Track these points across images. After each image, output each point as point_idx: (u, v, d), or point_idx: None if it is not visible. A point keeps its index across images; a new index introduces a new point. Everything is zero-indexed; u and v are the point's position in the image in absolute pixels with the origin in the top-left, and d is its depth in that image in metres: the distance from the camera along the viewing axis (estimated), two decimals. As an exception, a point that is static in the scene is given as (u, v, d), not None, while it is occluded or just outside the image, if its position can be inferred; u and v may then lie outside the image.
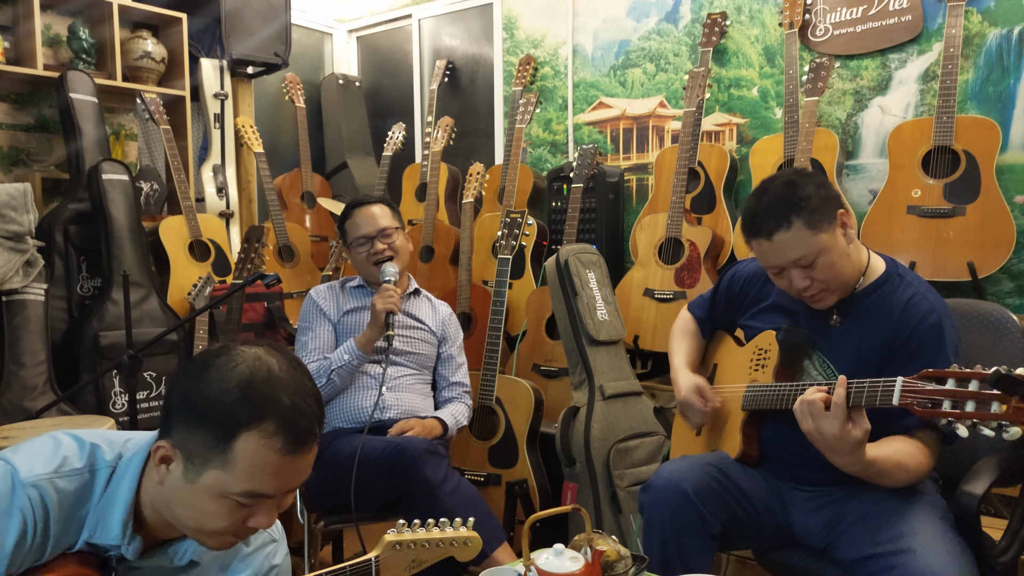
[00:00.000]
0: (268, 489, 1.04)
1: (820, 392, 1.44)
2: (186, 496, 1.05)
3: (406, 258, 2.42)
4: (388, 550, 1.27)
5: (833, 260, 1.55)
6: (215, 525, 1.05)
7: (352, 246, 2.39)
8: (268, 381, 1.03)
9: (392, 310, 2.18)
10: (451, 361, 2.48)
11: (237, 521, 1.06)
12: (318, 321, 2.36)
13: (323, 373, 2.24)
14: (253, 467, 1.02)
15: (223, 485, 1.02)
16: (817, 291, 1.59)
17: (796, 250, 1.54)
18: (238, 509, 1.05)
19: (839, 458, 1.44)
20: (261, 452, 1.01)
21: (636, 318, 2.98)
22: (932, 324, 1.55)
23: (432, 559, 1.32)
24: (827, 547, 1.60)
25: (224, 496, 1.03)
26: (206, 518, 1.05)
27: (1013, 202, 2.57)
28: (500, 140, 4.00)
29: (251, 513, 1.06)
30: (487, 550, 1.94)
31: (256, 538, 1.25)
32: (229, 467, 1.01)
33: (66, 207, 2.91)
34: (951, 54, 2.51)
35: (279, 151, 4.35)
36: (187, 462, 1.04)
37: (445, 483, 2.00)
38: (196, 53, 3.54)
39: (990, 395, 1.26)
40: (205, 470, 1.02)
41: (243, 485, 1.02)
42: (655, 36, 3.44)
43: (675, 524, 1.58)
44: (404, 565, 1.29)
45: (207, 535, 1.08)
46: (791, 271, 1.58)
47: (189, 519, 1.06)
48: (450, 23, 4.23)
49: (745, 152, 3.11)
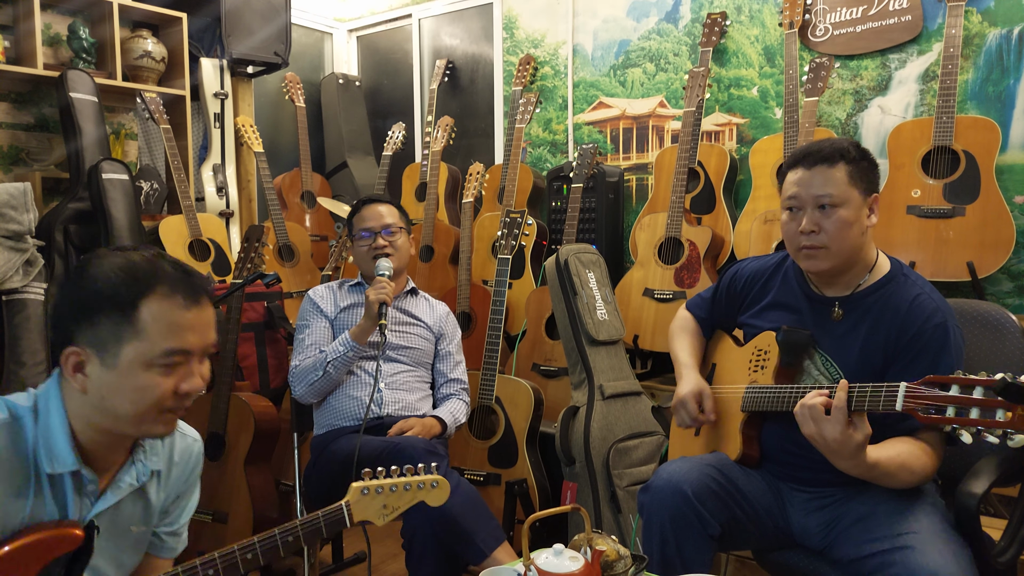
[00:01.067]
0: (186, 344, 1.12)
1: (821, 396, 1.44)
2: (115, 383, 1.10)
3: (405, 258, 2.44)
4: (356, 495, 1.32)
5: (849, 220, 1.57)
6: (152, 398, 1.11)
7: (355, 238, 2.42)
8: (145, 259, 1.13)
9: (385, 300, 2.20)
10: (449, 358, 2.49)
11: (169, 389, 1.12)
12: (315, 318, 2.39)
13: (319, 366, 2.26)
14: (164, 326, 1.10)
15: (144, 353, 1.10)
16: (818, 243, 1.59)
17: (827, 187, 1.57)
18: (167, 375, 1.12)
19: (842, 461, 1.44)
20: (166, 311, 1.11)
21: (636, 318, 2.98)
22: (937, 324, 1.55)
23: (404, 504, 1.37)
24: (826, 548, 1.60)
25: (149, 365, 1.10)
26: (142, 395, 1.11)
27: (1013, 202, 2.57)
28: (500, 140, 4.00)
29: (180, 377, 1.13)
30: (487, 550, 1.94)
31: (183, 453, 1.32)
32: (143, 335, 1.09)
33: (66, 206, 2.90)
34: (951, 54, 2.51)
35: (279, 151, 4.35)
36: (101, 353, 1.10)
37: None
38: (196, 52, 3.54)
39: (995, 402, 1.25)
40: (121, 349, 1.09)
41: (162, 345, 1.10)
42: (655, 36, 3.44)
43: (674, 525, 1.58)
44: (375, 510, 1.34)
45: (150, 418, 1.13)
46: (808, 209, 1.59)
47: (127, 405, 1.11)
48: (450, 23, 4.23)
49: (745, 152, 3.11)
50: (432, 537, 1.96)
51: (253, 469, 2.48)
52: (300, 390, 2.29)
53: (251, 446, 2.46)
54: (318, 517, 1.30)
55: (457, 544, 1.95)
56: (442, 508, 1.93)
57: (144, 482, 1.23)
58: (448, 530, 1.94)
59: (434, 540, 1.96)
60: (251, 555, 1.23)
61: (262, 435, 2.49)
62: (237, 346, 2.57)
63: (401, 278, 2.47)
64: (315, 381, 2.26)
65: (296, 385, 2.30)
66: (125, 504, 1.22)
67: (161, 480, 1.28)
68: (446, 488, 1.41)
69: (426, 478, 1.39)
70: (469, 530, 1.94)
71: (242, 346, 2.95)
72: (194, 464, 1.34)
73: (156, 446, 1.26)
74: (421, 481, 1.38)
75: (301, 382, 2.29)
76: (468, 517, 1.96)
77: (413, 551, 1.99)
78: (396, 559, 2.73)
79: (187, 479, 1.33)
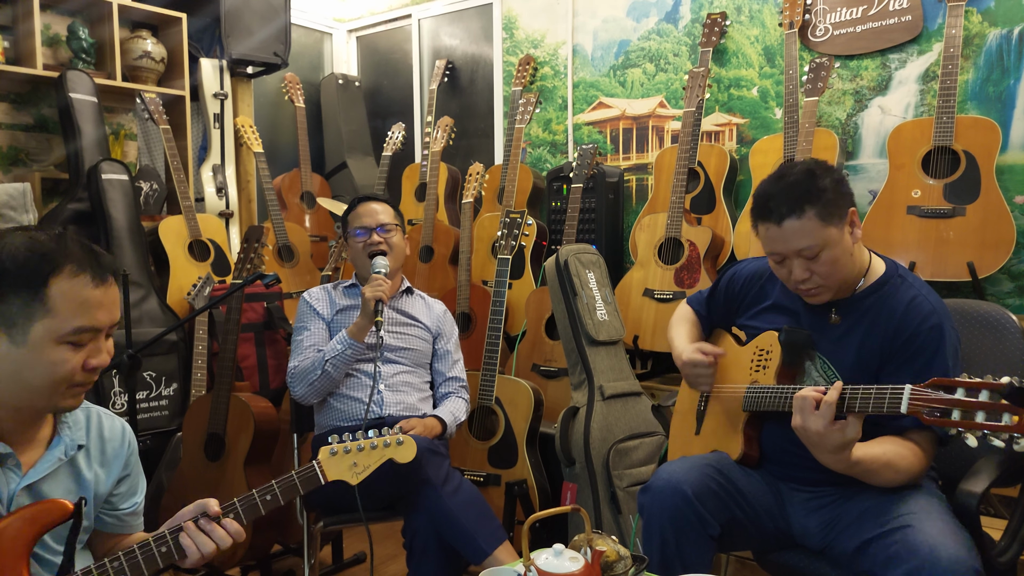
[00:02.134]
0: (95, 321, 1.16)
1: (818, 390, 1.46)
2: (25, 359, 1.14)
3: (400, 257, 2.43)
4: (326, 455, 1.40)
5: (837, 256, 1.55)
6: (63, 372, 1.15)
7: (351, 236, 2.42)
8: (51, 238, 1.16)
9: (381, 298, 2.20)
10: (447, 357, 2.48)
11: (78, 364, 1.16)
12: (312, 320, 2.38)
13: (317, 366, 2.25)
14: (74, 304, 1.14)
15: (55, 330, 1.13)
16: (815, 285, 1.59)
17: (804, 239, 1.53)
18: (75, 351, 1.15)
19: (822, 455, 1.47)
20: (75, 289, 1.14)
21: (636, 318, 2.98)
22: (933, 326, 1.55)
23: (373, 462, 1.42)
24: (826, 547, 1.60)
25: (59, 341, 1.14)
26: (54, 369, 1.14)
27: (1013, 202, 2.57)
28: (500, 140, 4.00)
29: (88, 353, 1.17)
30: (488, 549, 1.94)
31: (111, 431, 1.36)
32: (53, 312, 1.13)
33: (65, 207, 2.90)
34: (951, 54, 2.51)
35: (279, 151, 4.35)
36: (9, 329, 1.13)
37: (447, 483, 2.00)
38: (196, 53, 3.54)
39: (1001, 406, 1.25)
40: (31, 326, 1.12)
41: (71, 323, 1.14)
42: (655, 36, 3.44)
43: (675, 526, 1.58)
44: (346, 468, 1.40)
45: (60, 391, 1.17)
46: (793, 261, 1.57)
47: (39, 379, 1.15)
48: (450, 23, 4.23)
49: (745, 152, 3.11)
50: (433, 536, 1.96)
51: (253, 469, 2.47)
52: (300, 390, 2.29)
53: (251, 446, 2.45)
54: (292, 475, 1.36)
55: (458, 543, 1.95)
56: (445, 508, 1.94)
57: (72, 455, 1.27)
58: (449, 529, 1.94)
59: (435, 539, 1.96)
60: (232, 516, 1.30)
61: (262, 435, 2.48)
62: (237, 346, 2.57)
63: (397, 277, 2.47)
64: (315, 380, 2.25)
65: (296, 385, 2.30)
66: (58, 479, 1.26)
67: (91, 456, 1.32)
68: (412, 446, 1.45)
69: (391, 437, 1.44)
70: (471, 529, 1.94)
71: (242, 346, 2.95)
72: (128, 442, 1.39)
73: (79, 421, 1.31)
74: (387, 440, 1.43)
75: (301, 382, 2.28)
76: (470, 516, 1.96)
77: (414, 550, 1.99)
78: (396, 560, 2.73)
79: (126, 460, 1.38)
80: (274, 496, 1.34)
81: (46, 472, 1.23)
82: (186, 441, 2.57)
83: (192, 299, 2.94)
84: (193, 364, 2.82)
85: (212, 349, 2.88)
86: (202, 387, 2.80)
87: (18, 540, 1.15)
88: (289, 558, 2.82)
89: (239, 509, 1.31)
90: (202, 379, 2.81)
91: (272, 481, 1.35)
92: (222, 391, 2.49)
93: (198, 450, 2.52)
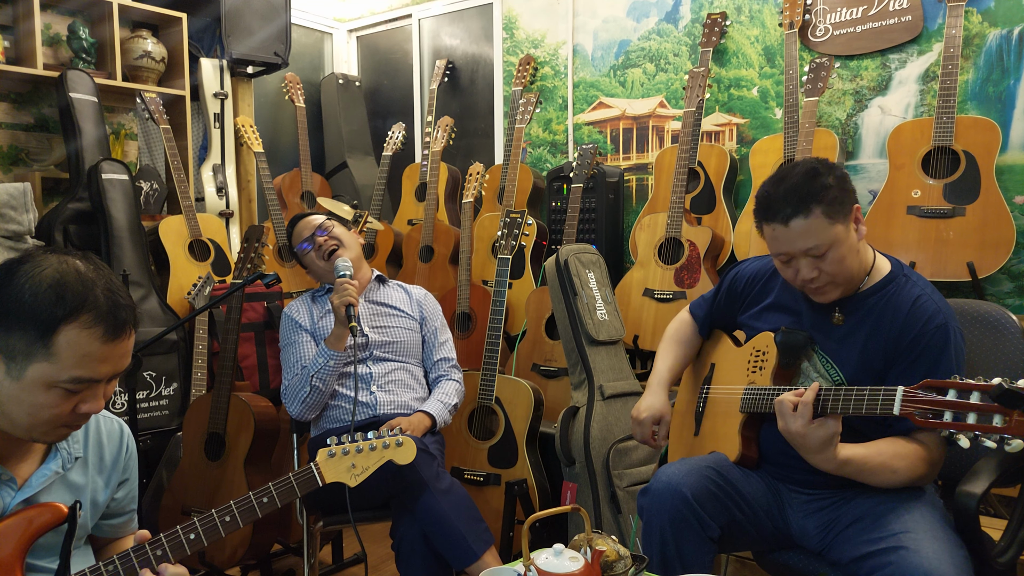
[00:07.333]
0: (95, 374, 1.12)
1: (795, 394, 1.49)
2: (14, 393, 1.11)
3: (355, 247, 2.41)
4: (324, 457, 1.39)
5: (843, 254, 1.55)
6: (47, 415, 1.12)
7: (300, 254, 2.42)
8: (79, 279, 1.10)
9: (350, 303, 2.18)
10: (435, 337, 2.47)
11: (67, 408, 1.13)
12: (296, 334, 2.37)
13: (304, 382, 2.24)
14: (78, 356, 1.09)
15: (50, 376, 1.09)
16: (823, 283, 1.58)
17: (811, 239, 1.53)
18: (68, 397, 1.12)
19: (809, 455, 1.49)
20: (84, 342, 1.09)
21: (636, 318, 2.98)
22: (938, 326, 1.54)
23: (372, 463, 1.42)
24: (824, 549, 1.60)
25: (52, 386, 1.10)
26: (38, 410, 1.11)
27: (1013, 202, 2.57)
28: (500, 140, 4.00)
29: (81, 399, 1.13)
30: (478, 551, 1.93)
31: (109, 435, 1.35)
32: (54, 359, 1.09)
33: (66, 206, 2.90)
34: (951, 54, 2.51)
35: (279, 151, 4.35)
36: (8, 362, 1.10)
37: (438, 482, 1.99)
38: (196, 53, 3.54)
39: (992, 408, 1.26)
40: (29, 365, 1.09)
41: (70, 373, 1.10)
42: (655, 36, 3.44)
43: (674, 528, 1.58)
44: (344, 470, 1.40)
45: (41, 429, 1.15)
46: (800, 260, 1.57)
47: (22, 415, 1.12)
48: (450, 23, 4.23)
49: (745, 152, 3.11)
50: (420, 538, 1.95)
51: (253, 469, 2.48)
52: (295, 409, 2.27)
53: (251, 446, 2.46)
54: (290, 478, 1.36)
55: (447, 544, 1.93)
56: (437, 508, 1.93)
57: (69, 469, 1.26)
58: (440, 530, 1.93)
59: (423, 541, 1.95)
60: (228, 518, 1.29)
61: (262, 435, 2.49)
62: (237, 346, 2.57)
63: (363, 270, 2.45)
64: (305, 397, 2.25)
65: (290, 404, 2.28)
66: (54, 493, 1.24)
67: (89, 465, 1.30)
68: (411, 447, 1.45)
69: (391, 438, 1.44)
70: (462, 530, 1.93)
71: (242, 346, 2.96)
72: (127, 444, 1.37)
73: (76, 432, 1.28)
74: (386, 441, 1.43)
75: (293, 400, 2.27)
76: (461, 517, 1.95)
77: (402, 552, 1.98)
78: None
79: (125, 465, 1.37)
80: (271, 499, 1.33)
81: (41, 487, 1.21)
82: (186, 441, 2.57)
83: (192, 299, 2.94)
84: (193, 364, 2.83)
85: (212, 349, 2.88)
86: (202, 387, 2.80)
87: (13, 544, 1.14)
88: (289, 557, 2.83)
89: (235, 512, 1.30)
90: (202, 379, 2.81)
91: (270, 484, 1.34)
92: (222, 391, 2.50)
93: (198, 450, 2.52)
